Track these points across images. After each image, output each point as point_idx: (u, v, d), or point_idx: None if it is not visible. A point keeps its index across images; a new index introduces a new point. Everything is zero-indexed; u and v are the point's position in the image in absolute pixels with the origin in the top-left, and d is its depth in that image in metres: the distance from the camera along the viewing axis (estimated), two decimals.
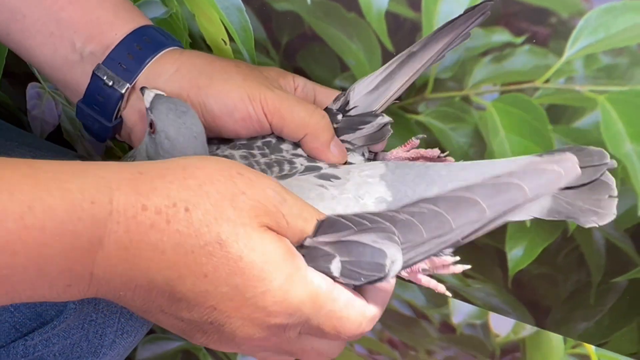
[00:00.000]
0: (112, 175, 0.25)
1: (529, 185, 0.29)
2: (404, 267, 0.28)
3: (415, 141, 0.40)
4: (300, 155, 0.37)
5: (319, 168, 0.36)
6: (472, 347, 0.54)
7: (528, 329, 0.52)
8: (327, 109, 0.39)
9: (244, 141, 0.38)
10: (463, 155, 0.46)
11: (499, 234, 0.48)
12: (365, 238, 0.28)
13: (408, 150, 0.40)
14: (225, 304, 0.26)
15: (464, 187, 0.30)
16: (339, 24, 0.43)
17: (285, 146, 0.38)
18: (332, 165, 0.37)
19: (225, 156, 0.36)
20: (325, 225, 0.28)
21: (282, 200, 0.28)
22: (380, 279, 0.28)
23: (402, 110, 0.46)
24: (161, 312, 0.27)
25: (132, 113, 0.38)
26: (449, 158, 0.39)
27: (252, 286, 0.26)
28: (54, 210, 0.23)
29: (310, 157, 0.38)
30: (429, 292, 0.53)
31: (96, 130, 0.39)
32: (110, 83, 0.36)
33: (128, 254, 0.25)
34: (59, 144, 0.56)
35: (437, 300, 0.53)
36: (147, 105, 0.34)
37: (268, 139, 0.38)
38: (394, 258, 0.28)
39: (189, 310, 0.26)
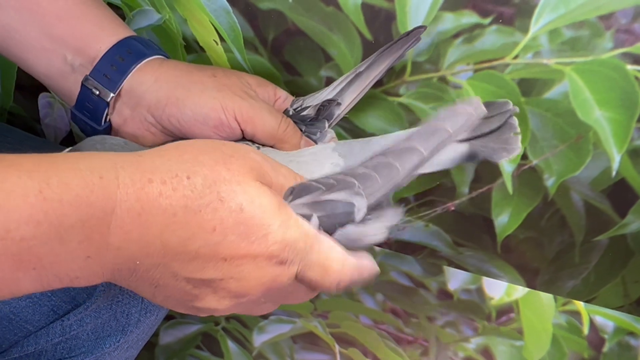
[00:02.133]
0: (116, 157, 0.28)
1: (451, 126, 0.34)
2: (367, 209, 0.33)
3: None
4: (265, 146, 0.41)
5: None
6: (469, 311, 0.57)
7: (520, 291, 0.55)
8: (285, 111, 0.43)
9: None
10: None
11: (485, 203, 0.51)
12: (335, 195, 0.33)
13: None
14: (234, 251, 0.29)
15: (404, 137, 0.34)
16: (319, 18, 0.47)
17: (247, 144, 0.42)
18: None
19: None
20: (298, 189, 0.33)
21: (263, 160, 0.32)
22: (351, 221, 0.33)
23: (384, 94, 0.49)
24: (173, 278, 0.30)
25: (118, 118, 0.41)
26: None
27: (255, 231, 0.29)
28: (68, 185, 0.26)
29: None
30: (425, 262, 0.56)
31: (89, 133, 0.42)
32: (97, 93, 0.40)
33: (141, 219, 0.28)
34: None
35: (433, 269, 0.57)
36: None
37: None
38: (360, 206, 0.33)
39: (201, 269, 0.29)
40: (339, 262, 0.32)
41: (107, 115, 0.41)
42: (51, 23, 0.40)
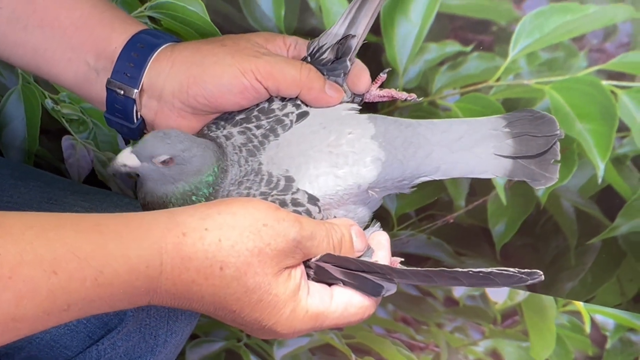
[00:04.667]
0: (161, 239, 0.33)
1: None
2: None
3: (383, 76, 0.45)
4: (288, 109, 0.42)
5: (307, 113, 0.42)
6: (475, 316, 0.60)
7: (522, 294, 0.58)
8: (304, 59, 0.43)
9: (242, 115, 0.42)
10: None
11: (482, 214, 0.54)
12: (370, 275, 0.37)
13: (381, 89, 0.45)
14: (249, 327, 0.36)
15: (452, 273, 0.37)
16: None
17: (275, 105, 0.42)
18: (320, 110, 0.42)
19: (226, 136, 0.41)
20: (340, 261, 0.37)
21: (300, 239, 0.35)
22: (378, 297, 0.38)
23: None
24: (212, 314, 0.36)
25: (148, 112, 0.43)
26: (412, 95, 0.44)
27: (266, 319, 0.35)
28: (119, 273, 0.32)
29: (311, 106, 0.42)
30: None
31: (126, 133, 0.44)
32: (122, 92, 0.42)
33: (175, 298, 0.34)
34: (95, 185, 0.65)
35: None
36: (132, 165, 0.38)
37: (262, 105, 0.42)
38: (389, 289, 0.37)
39: (227, 322, 0.36)
40: (358, 312, 0.37)
41: (137, 112, 0.43)
42: (70, 34, 0.43)
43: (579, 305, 0.57)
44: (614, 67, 0.44)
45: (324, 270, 0.37)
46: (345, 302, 0.36)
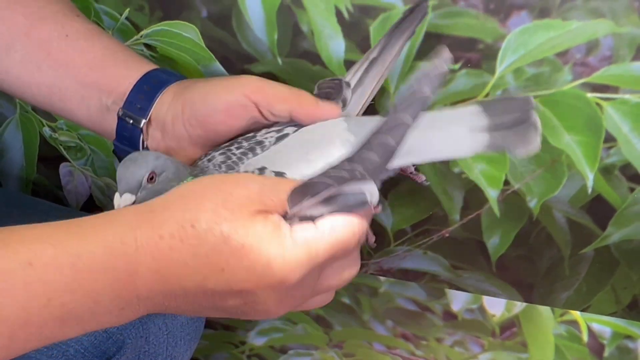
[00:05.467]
0: (133, 217, 0.33)
1: (430, 90, 0.34)
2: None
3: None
4: (270, 134, 0.41)
5: (287, 135, 0.41)
6: (474, 329, 0.61)
7: (519, 306, 0.58)
8: None
9: (227, 142, 0.42)
10: (431, 166, 0.53)
11: (476, 227, 0.55)
12: (344, 189, 0.34)
13: None
14: (246, 285, 0.32)
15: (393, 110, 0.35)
16: (308, 76, 0.52)
17: (260, 132, 0.41)
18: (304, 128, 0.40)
19: (209, 159, 0.41)
20: (302, 190, 0.34)
21: (262, 186, 0.33)
22: (366, 206, 0.34)
23: None
24: (204, 308, 0.33)
25: (152, 141, 0.45)
26: (419, 176, 0.44)
27: (258, 263, 0.32)
28: (96, 255, 0.31)
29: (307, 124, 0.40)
30: (427, 286, 0.60)
31: None
32: (131, 121, 0.44)
33: (160, 274, 0.32)
34: (93, 211, 0.65)
35: (436, 293, 0.60)
36: (131, 202, 0.38)
37: (249, 134, 0.41)
38: (372, 191, 0.34)
39: (223, 301, 0.33)
40: (348, 233, 0.33)
41: (143, 141, 0.45)
42: (84, 73, 0.45)
43: (576, 314, 0.58)
44: (598, 80, 0.46)
45: (306, 217, 0.34)
46: (329, 224, 0.33)
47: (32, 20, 0.44)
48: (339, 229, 0.33)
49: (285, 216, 0.34)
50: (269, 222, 0.33)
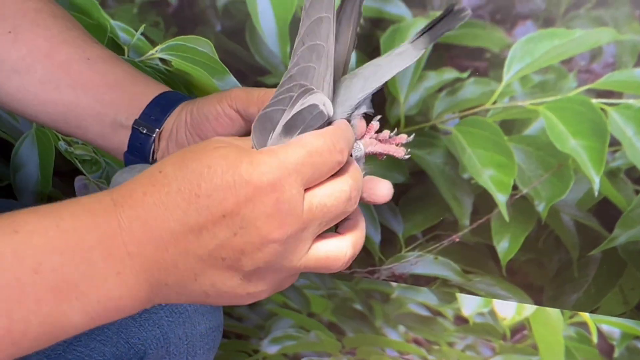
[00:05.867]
0: (106, 191, 0.33)
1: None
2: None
3: (375, 124, 0.41)
4: None
5: None
6: (485, 333, 0.62)
7: (529, 309, 0.60)
8: None
9: None
10: (441, 172, 0.55)
11: (486, 232, 0.56)
12: (293, 110, 0.33)
13: (373, 136, 0.41)
14: (225, 205, 0.31)
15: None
16: None
17: None
18: None
19: None
20: (261, 122, 0.34)
21: (231, 139, 0.33)
22: (326, 120, 0.33)
23: None
24: (201, 261, 0.32)
25: (162, 153, 0.47)
26: (400, 137, 0.42)
27: (228, 176, 0.31)
28: (76, 215, 0.31)
29: None
30: (438, 291, 0.61)
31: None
32: (145, 131, 0.46)
33: (141, 221, 0.31)
34: None
35: (447, 297, 0.61)
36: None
37: None
38: (323, 101, 0.33)
39: (212, 236, 0.31)
40: (324, 144, 0.32)
41: (153, 152, 0.46)
42: (103, 92, 0.46)
43: (585, 316, 0.59)
44: (602, 86, 0.48)
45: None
46: (296, 139, 0.32)
47: (53, 43, 0.46)
48: (305, 137, 0.32)
49: None
50: (232, 145, 0.32)
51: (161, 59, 0.56)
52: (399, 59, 0.39)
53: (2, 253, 0.30)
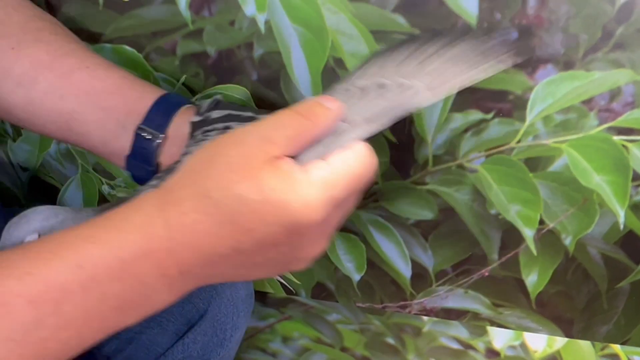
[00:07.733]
0: (156, 200, 0.35)
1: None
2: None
3: None
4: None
5: None
6: None
7: (560, 341, 0.60)
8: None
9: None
10: (469, 209, 0.57)
11: (514, 266, 0.58)
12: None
13: None
14: (277, 237, 0.33)
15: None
16: None
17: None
18: None
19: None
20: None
21: (259, 136, 0.34)
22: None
23: (413, 184, 0.57)
24: (247, 267, 0.35)
25: (167, 158, 0.48)
26: None
27: (280, 214, 0.33)
28: (135, 243, 0.33)
29: None
30: (469, 325, 0.63)
31: (144, 176, 0.48)
32: (149, 137, 0.47)
33: (194, 247, 0.34)
34: None
35: (478, 331, 0.63)
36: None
37: None
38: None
39: (262, 255, 0.34)
40: (357, 162, 0.35)
41: (156, 157, 0.47)
42: (104, 98, 0.48)
43: (616, 348, 0.59)
44: (622, 123, 0.50)
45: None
46: (340, 159, 0.34)
47: (55, 56, 0.48)
48: (350, 162, 0.35)
49: (295, 156, 0.34)
50: (278, 170, 0.33)
51: None
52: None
53: (71, 290, 0.33)
